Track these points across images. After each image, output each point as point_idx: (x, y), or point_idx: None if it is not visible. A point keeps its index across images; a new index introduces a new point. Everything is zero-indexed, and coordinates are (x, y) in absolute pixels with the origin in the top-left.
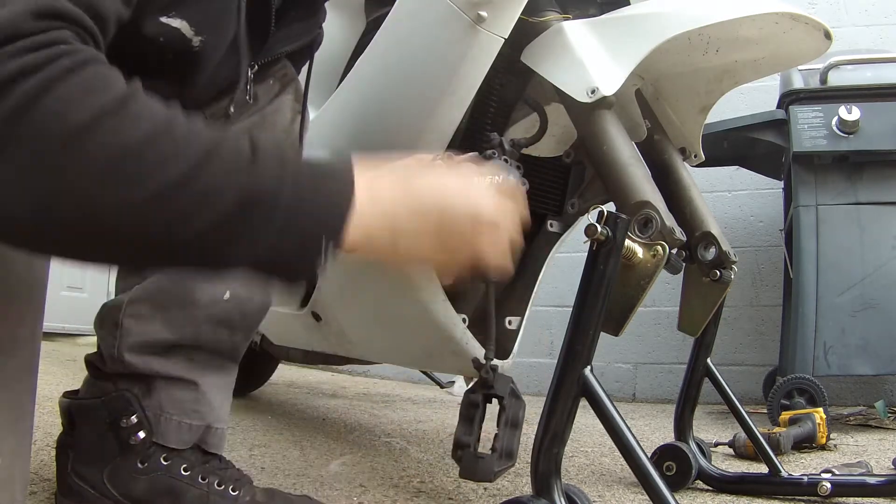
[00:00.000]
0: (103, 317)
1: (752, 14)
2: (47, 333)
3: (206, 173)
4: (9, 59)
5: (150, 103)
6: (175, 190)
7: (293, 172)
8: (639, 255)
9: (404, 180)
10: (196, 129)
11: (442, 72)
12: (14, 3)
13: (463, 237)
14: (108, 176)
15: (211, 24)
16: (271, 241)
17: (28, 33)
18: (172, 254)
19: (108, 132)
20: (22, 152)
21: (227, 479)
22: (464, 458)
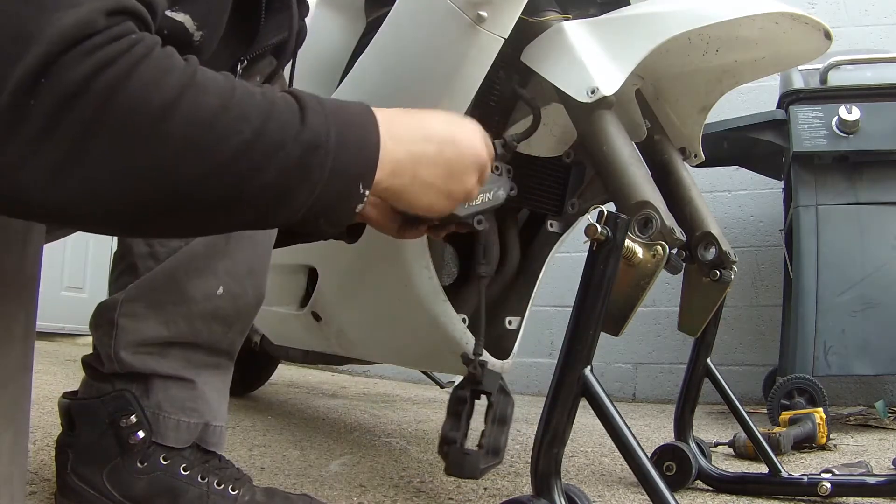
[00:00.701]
0: (98, 317)
1: (752, 14)
2: (48, 333)
3: (270, 129)
4: (91, 54)
5: (210, 73)
6: (249, 148)
7: (333, 119)
8: (639, 255)
9: (417, 119)
10: (251, 90)
11: (442, 72)
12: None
13: (465, 174)
14: (195, 144)
15: (211, 19)
16: (324, 185)
17: (102, 28)
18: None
19: (189, 106)
20: (116, 136)
21: (226, 478)
22: (450, 454)
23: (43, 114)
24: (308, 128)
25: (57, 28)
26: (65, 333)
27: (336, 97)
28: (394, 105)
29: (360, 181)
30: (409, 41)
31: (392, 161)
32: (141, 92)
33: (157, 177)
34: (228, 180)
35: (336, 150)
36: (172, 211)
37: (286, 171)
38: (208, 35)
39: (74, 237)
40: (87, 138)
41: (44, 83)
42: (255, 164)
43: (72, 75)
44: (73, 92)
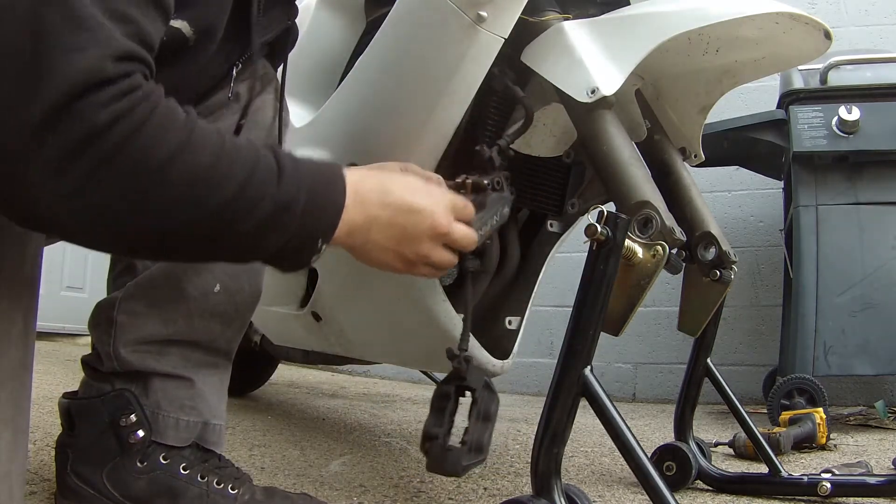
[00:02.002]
0: (97, 316)
1: (752, 14)
2: (48, 333)
3: (251, 188)
4: (103, 107)
5: (204, 129)
6: (231, 202)
7: (306, 182)
8: (639, 255)
9: (382, 184)
10: (238, 146)
11: (442, 72)
12: (92, 47)
13: (419, 243)
14: (186, 196)
15: (208, 22)
16: (288, 238)
17: (113, 78)
18: (222, 248)
19: (184, 163)
20: (120, 183)
21: (226, 477)
22: (431, 450)
23: (59, 152)
24: (282, 189)
25: (69, 73)
26: (65, 333)
27: (336, 97)
28: (393, 105)
29: (320, 238)
30: (410, 41)
31: (350, 223)
32: (144, 149)
33: (151, 219)
34: (212, 227)
35: (304, 210)
36: (161, 244)
37: (260, 224)
38: (204, 37)
39: None
40: (95, 181)
41: (60, 125)
42: (234, 216)
43: (85, 125)
44: (86, 140)
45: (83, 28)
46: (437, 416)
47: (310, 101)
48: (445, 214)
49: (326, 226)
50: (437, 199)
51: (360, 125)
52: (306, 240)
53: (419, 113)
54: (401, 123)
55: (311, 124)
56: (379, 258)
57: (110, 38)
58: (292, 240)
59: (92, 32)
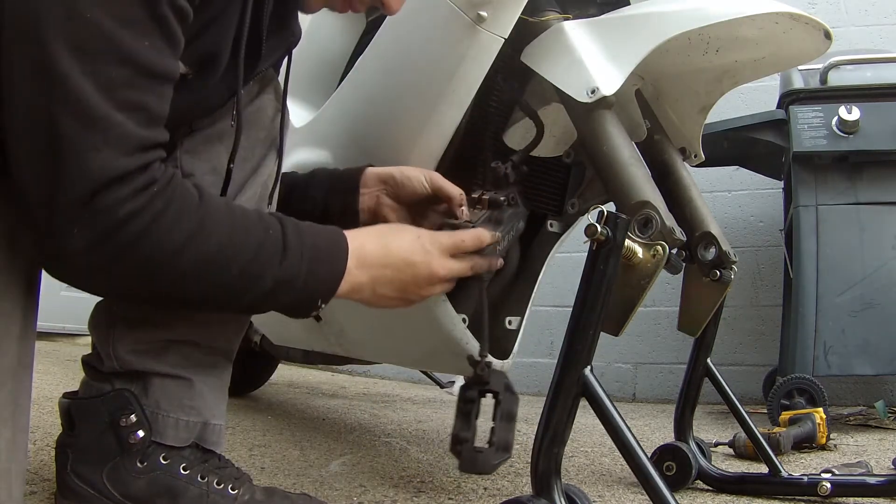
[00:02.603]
0: (97, 316)
1: (752, 14)
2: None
3: (255, 267)
4: (122, 204)
5: (215, 210)
6: (234, 281)
7: (309, 255)
8: (639, 255)
9: (383, 246)
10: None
11: (442, 72)
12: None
13: (420, 288)
14: (196, 276)
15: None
16: (289, 303)
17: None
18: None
19: (195, 249)
20: (137, 266)
21: (226, 477)
22: (463, 453)
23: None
24: (284, 267)
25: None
26: (65, 333)
27: (336, 97)
28: (394, 105)
29: (320, 299)
30: (410, 41)
31: (353, 283)
32: (158, 239)
33: (165, 292)
34: (219, 297)
35: (305, 280)
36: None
37: (261, 296)
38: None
39: None
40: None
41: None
42: (239, 290)
43: (107, 219)
44: (108, 232)
45: (97, 129)
46: (463, 420)
47: (310, 101)
48: (441, 262)
49: (325, 291)
50: (431, 250)
51: (360, 125)
52: (306, 302)
53: (419, 113)
54: (401, 123)
55: (311, 124)
56: (385, 305)
57: (123, 134)
58: (292, 303)
59: (105, 132)
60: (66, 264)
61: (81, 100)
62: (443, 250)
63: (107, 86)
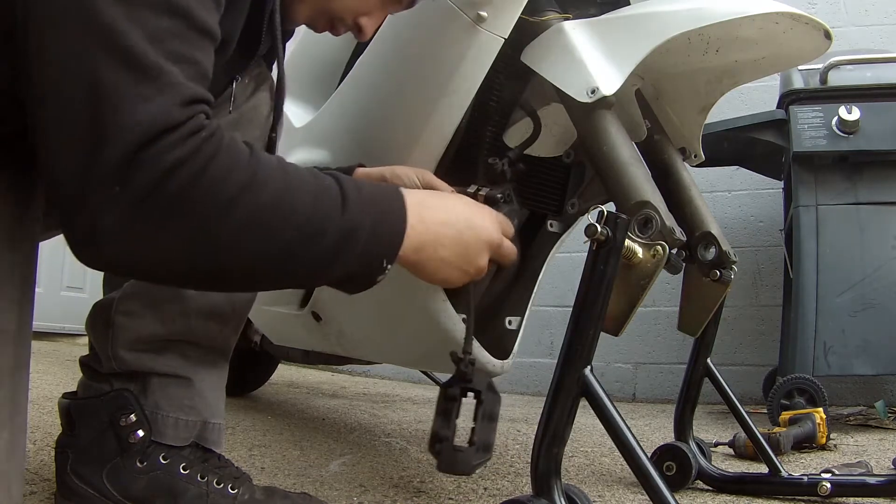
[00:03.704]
0: (95, 317)
1: (752, 14)
2: (48, 333)
3: (316, 219)
4: (169, 151)
5: (267, 164)
6: (296, 237)
7: (369, 208)
8: (639, 255)
9: (442, 203)
10: (302, 178)
11: (442, 72)
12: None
13: (478, 255)
14: (251, 233)
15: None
16: (353, 262)
17: (179, 123)
18: (289, 278)
19: (249, 202)
20: (188, 222)
21: (226, 477)
22: (443, 452)
23: (130, 199)
24: (347, 217)
25: (137, 123)
26: (65, 333)
27: (336, 97)
28: (394, 105)
29: (385, 258)
30: (410, 41)
31: (416, 241)
32: (210, 189)
33: (219, 257)
34: (279, 260)
35: (369, 235)
36: (229, 279)
37: (325, 252)
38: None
39: None
40: (167, 220)
41: (130, 174)
42: (300, 249)
43: (154, 169)
44: (154, 184)
45: (148, 77)
46: (443, 419)
47: (310, 101)
48: (497, 231)
49: (391, 247)
50: (489, 215)
51: (360, 125)
52: (373, 262)
53: (419, 113)
54: (401, 123)
55: (310, 124)
56: (441, 273)
57: (175, 84)
58: (358, 263)
59: (156, 81)
60: (108, 237)
61: (129, 48)
62: (497, 220)
63: (156, 35)
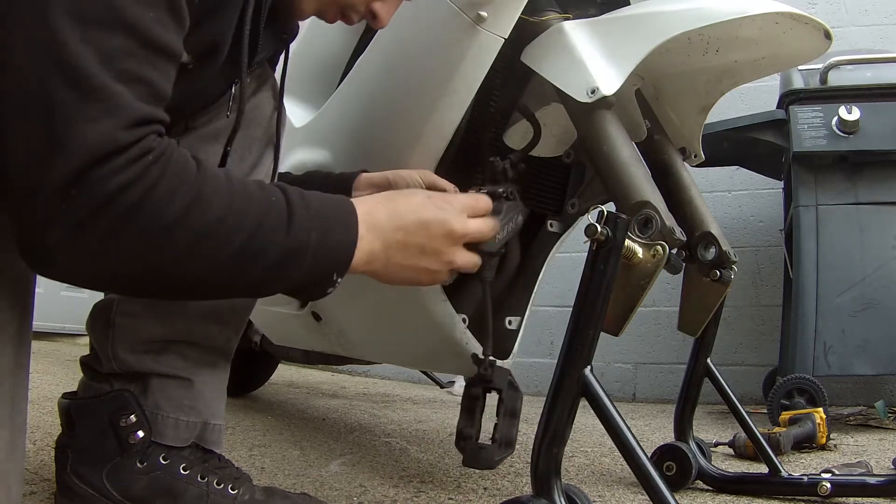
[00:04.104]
0: (95, 317)
1: (752, 14)
2: (48, 333)
3: (259, 238)
4: (114, 175)
5: (213, 182)
6: (238, 254)
7: (317, 224)
8: (639, 255)
9: (392, 208)
10: (249, 195)
11: (442, 71)
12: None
13: (439, 253)
14: (195, 251)
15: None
16: (300, 278)
17: (125, 146)
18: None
19: (192, 221)
20: (133, 243)
21: (226, 477)
22: (467, 449)
23: (74, 218)
24: (292, 235)
25: (82, 144)
26: (65, 333)
27: (336, 97)
28: (394, 105)
29: (335, 272)
30: (410, 41)
31: (367, 252)
32: (154, 211)
33: (165, 273)
34: (223, 276)
35: (315, 250)
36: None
37: (269, 270)
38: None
39: None
40: (110, 241)
41: (74, 193)
42: (243, 265)
43: (98, 191)
44: (99, 206)
45: (94, 99)
46: (468, 417)
47: (310, 100)
48: (457, 217)
49: (340, 261)
50: (445, 206)
51: (361, 125)
52: (320, 277)
53: (419, 113)
54: (401, 123)
55: (311, 124)
56: (403, 277)
57: (122, 106)
58: (306, 279)
59: (104, 103)
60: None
61: (80, 68)
62: (460, 208)
63: (108, 55)
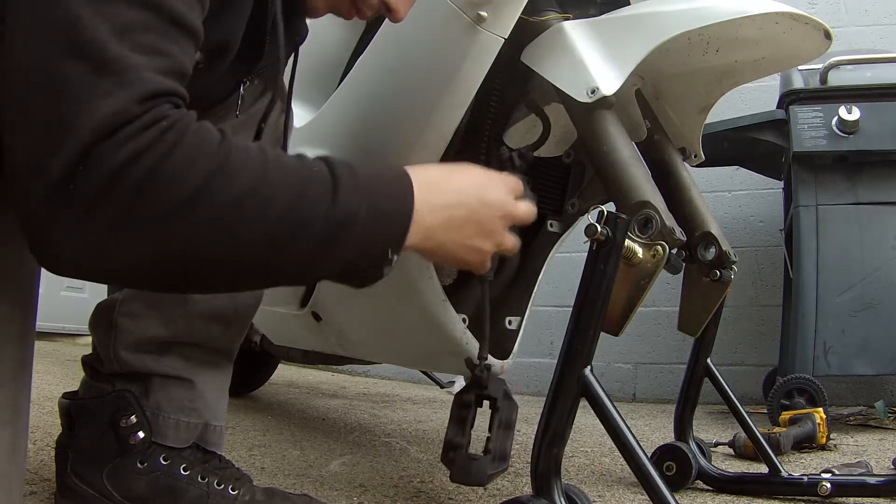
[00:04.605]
0: (97, 317)
1: (752, 14)
2: (48, 333)
3: (300, 210)
4: (124, 144)
5: (242, 151)
6: (275, 230)
7: (366, 193)
8: (639, 255)
9: (451, 182)
10: (285, 165)
11: (442, 72)
12: (120, 91)
13: (496, 227)
14: (220, 228)
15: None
16: (351, 256)
17: (136, 117)
18: (269, 276)
19: (216, 192)
20: (147, 220)
21: (226, 478)
22: (456, 460)
23: (83, 199)
24: (339, 205)
25: (92, 119)
26: (65, 333)
27: (336, 97)
28: (394, 105)
29: (390, 248)
30: (410, 41)
31: (425, 228)
32: (170, 181)
33: (184, 254)
34: (257, 255)
35: (366, 223)
36: (201, 280)
37: (313, 247)
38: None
39: None
40: (122, 221)
41: (82, 171)
42: (282, 243)
43: (107, 165)
44: (108, 181)
45: (108, 72)
46: (457, 426)
47: (310, 100)
48: (510, 195)
49: (395, 235)
50: (501, 183)
51: (361, 125)
52: (373, 254)
53: (419, 113)
54: (401, 124)
55: (311, 124)
56: (455, 256)
57: (137, 79)
58: (357, 256)
59: (117, 76)
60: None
61: (94, 41)
62: (509, 186)
63: (125, 27)
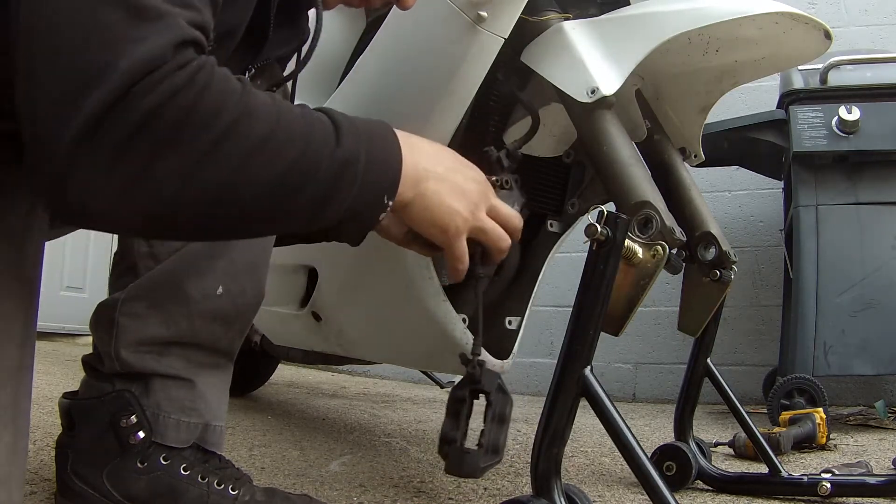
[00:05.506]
0: (98, 316)
1: (752, 14)
2: (48, 333)
3: (310, 151)
4: (159, 83)
5: (259, 97)
6: (294, 168)
7: (364, 138)
8: (639, 255)
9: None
10: (293, 112)
11: (442, 72)
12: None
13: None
14: (248, 165)
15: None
16: (352, 196)
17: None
18: (286, 217)
19: (242, 132)
20: (181, 158)
21: (226, 478)
22: (450, 454)
23: (116, 139)
24: (343, 147)
25: (132, 61)
26: (65, 333)
27: (336, 97)
28: (394, 105)
29: (386, 193)
30: (409, 41)
31: (413, 173)
32: (204, 119)
33: (213, 191)
34: (276, 195)
35: (366, 165)
36: (221, 219)
37: (324, 185)
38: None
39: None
40: (156, 159)
41: (116, 111)
42: (298, 181)
43: (143, 105)
44: (143, 119)
45: (144, 19)
46: (453, 420)
47: (310, 100)
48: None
49: (390, 181)
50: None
51: None
52: (372, 196)
53: (419, 113)
54: (400, 123)
55: None
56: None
57: (172, 25)
58: (358, 198)
59: (153, 23)
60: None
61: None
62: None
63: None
